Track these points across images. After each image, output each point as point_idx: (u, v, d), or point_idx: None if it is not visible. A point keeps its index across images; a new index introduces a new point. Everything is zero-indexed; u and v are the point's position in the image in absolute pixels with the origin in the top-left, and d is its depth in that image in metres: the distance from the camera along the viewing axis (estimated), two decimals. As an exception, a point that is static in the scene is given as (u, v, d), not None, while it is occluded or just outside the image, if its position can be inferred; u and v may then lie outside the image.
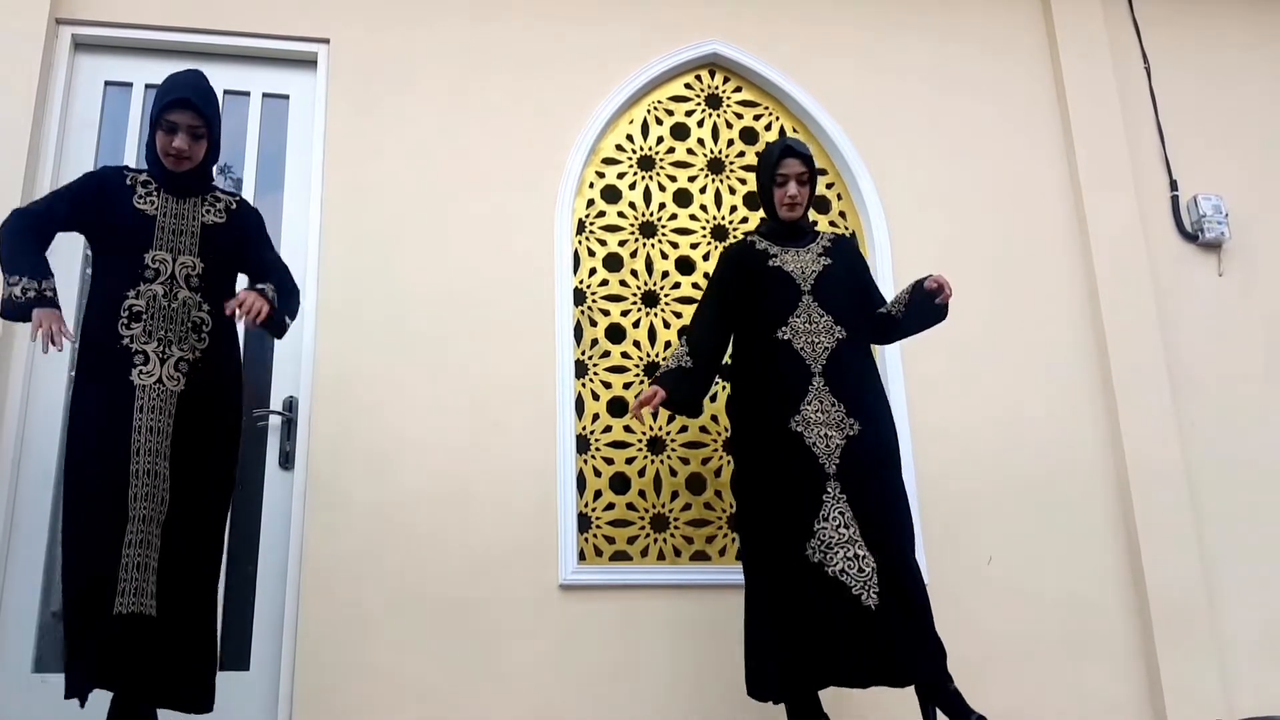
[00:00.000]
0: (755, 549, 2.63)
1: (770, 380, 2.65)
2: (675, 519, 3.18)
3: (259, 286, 2.48)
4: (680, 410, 2.87)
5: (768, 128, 3.65)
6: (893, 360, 3.38)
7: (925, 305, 2.71)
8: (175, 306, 2.39)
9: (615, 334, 3.33)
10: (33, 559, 2.84)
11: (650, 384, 2.84)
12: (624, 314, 3.35)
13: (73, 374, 2.97)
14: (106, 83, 3.28)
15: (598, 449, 3.20)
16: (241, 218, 2.59)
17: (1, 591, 2.80)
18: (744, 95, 3.67)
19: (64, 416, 2.95)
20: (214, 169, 2.65)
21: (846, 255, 2.83)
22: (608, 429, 3.23)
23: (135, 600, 2.16)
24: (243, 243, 2.58)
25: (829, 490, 2.51)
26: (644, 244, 3.43)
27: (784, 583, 2.51)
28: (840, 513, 2.48)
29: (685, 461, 3.24)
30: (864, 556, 2.44)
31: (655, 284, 3.39)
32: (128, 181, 2.48)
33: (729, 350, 2.84)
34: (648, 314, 3.36)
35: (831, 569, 2.43)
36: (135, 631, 2.16)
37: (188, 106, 2.46)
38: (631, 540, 3.14)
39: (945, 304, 2.68)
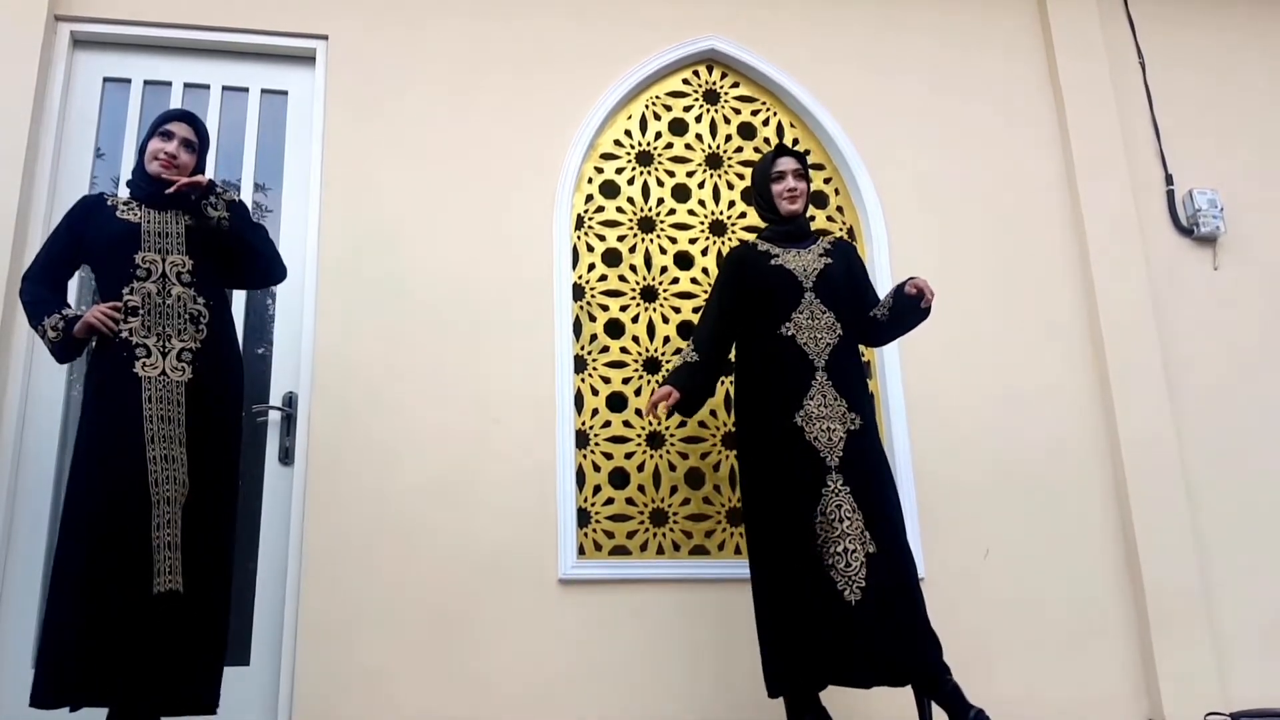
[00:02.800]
0: (759, 544, 2.64)
1: (774, 375, 2.67)
2: (674, 514, 3.19)
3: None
4: (688, 408, 2.88)
5: (765, 123, 3.66)
6: (891, 356, 3.40)
7: (908, 308, 2.73)
8: (170, 302, 2.44)
9: (614, 329, 3.33)
10: (33, 557, 2.84)
11: (662, 384, 2.85)
12: (623, 309, 3.35)
13: (71, 377, 2.99)
14: (105, 79, 3.28)
15: (597, 444, 3.21)
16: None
17: (1, 590, 2.80)
18: (742, 91, 3.68)
19: (63, 415, 2.96)
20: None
21: (846, 256, 2.87)
22: (607, 424, 3.24)
23: (170, 578, 2.25)
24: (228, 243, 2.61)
25: (828, 484, 2.54)
26: (642, 239, 3.44)
27: (786, 577, 2.54)
28: (838, 505, 2.51)
29: (684, 456, 3.25)
30: (853, 551, 2.47)
31: (654, 279, 3.40)
32: (108, 202, 2.57)
33: (733, 349, 2.86)
34: (646, 309, 3.37)
35: (825, 561, 2.47)
36: (164, 609, 2.24)
37: (186, 120, 2.61)
38: (631, 535, 3.15)
39: (928, 306, 2.70)
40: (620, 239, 3.42)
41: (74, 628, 2.21)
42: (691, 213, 3.50)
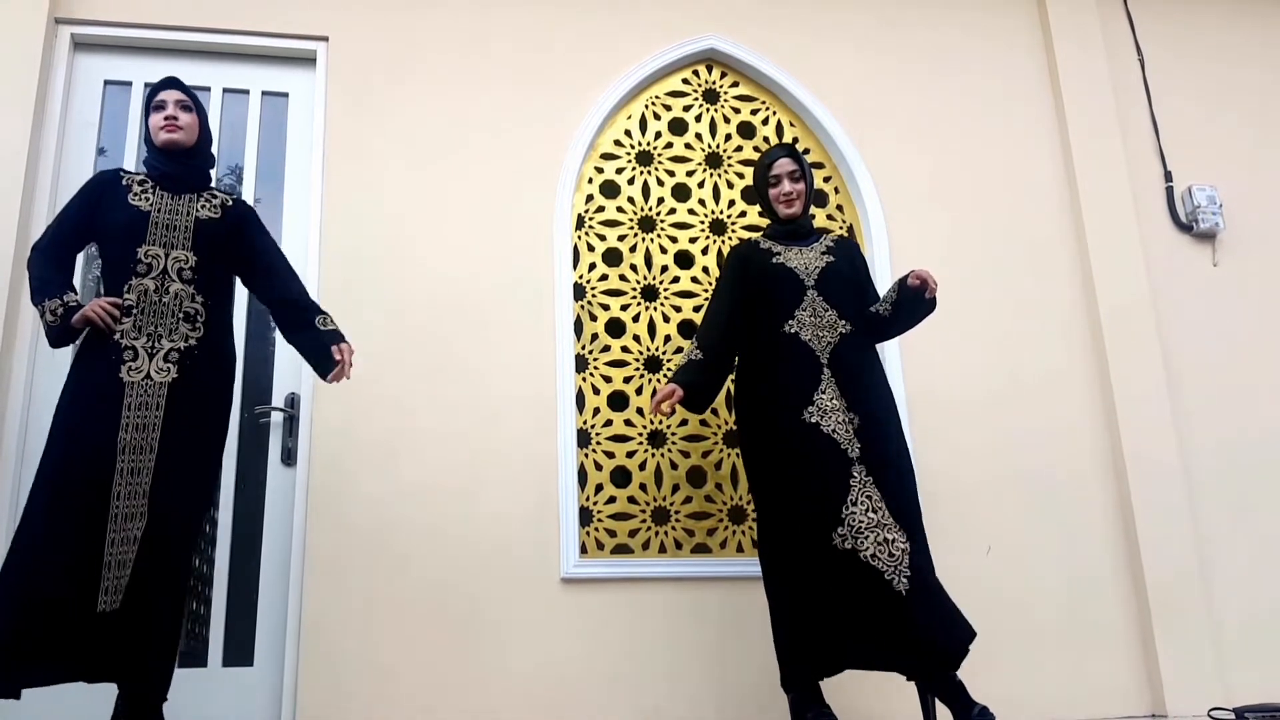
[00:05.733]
0: (780, 542, 2.60)
1: (781, 372, 2.66)
2: (676, 512, 3.20)
3: (330, 328, 2.60)
4: (694, 404, 2.83)
5: (765, 122, 3.66)
6: (891, 352, 3.40)
7: (913, 301, 2.73)
8: (166, 300, 2.41)
9: (615, 328, 3.34)
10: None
11: (666, 383, 2.83)
12: (624, 308, 3.36)
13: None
14: (106, 82, 3.28)
15: (598, 443, 3.22)
16: (237, 214, 2.61)
17: (6, 589, 2.81)
18: (741, 90, 3.69)
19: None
20: (212, 171, 2.67)
21: (848, 253, 2.86)
22: (608, 423, 3.24)
23: (108, 598, 2.20)
24: (237, 237, 2.59)
25: (855, 474, 2.49)
26: (643, 238, 3.45)
27: (813, 573, 2.49)
28: (868, 496, 2.47)
29: (686, 455, 3.26)
30: (894, 540, 2.42)
31: (654, 278, 3.41)
32: (123, 181, 2.53)
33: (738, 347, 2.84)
34: (647, 308, 3.38)
35: (863, 554, 2.40)
36: (108, 627, 2.21)
37: (170, 86, 2.59)
38: (633, 533, 3.16)
39: (933, 297, 2.70)
40: (621, 238, 3.43)
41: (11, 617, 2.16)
42: (692, 212, 3.51)
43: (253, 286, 2.68)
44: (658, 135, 3.56)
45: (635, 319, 3.35)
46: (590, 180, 3.47)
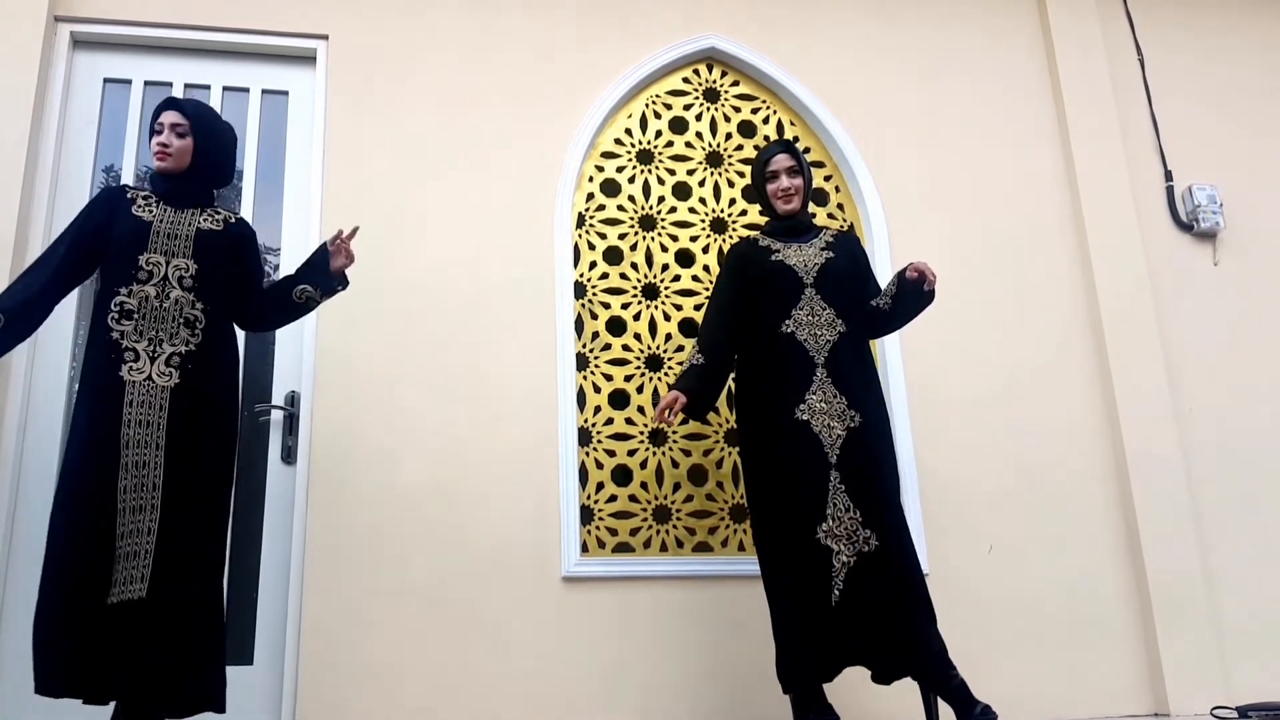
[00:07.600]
0: (771, 538, 2.63)
1: (776, 371, 2.67)
2: (677, 511, 3.19)
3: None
4: (696, 411, 2.85)
5: (765, 121, 3.66)
6: (892, 352, 3.40)
7: (912, 294, 2.73)
8: (167, 306, 2.41)
9: (616, 327, 3.33)
10: (36, 558, 2.81)
11: (669, 390, 2.83)
12: (624, 307, 3.35)
13: (72, 375, 2.98)
14: (105, 80, 3.28)
15: (599, 441, 3.21)
16: (237, 232, 2.61)
17: (4, 591, 2.80)
18: (742, 89, 3.69)
19: (65, 416, 2.95)
20: (215, 190, 2.66)
21: (849, 249, 2.86)
22: (609, 421, 3.23)
23: (124, 589, 2.19)
24: (237, 253, 2.59)
25: (831, 479, 2.54)
26: (644, 237, 3.44)
27: (801, 570, 2.52)
28: (839, 503, 2.52)
29: (687, 453, 3.25)
30: (838, 551, 2.48)
31: (655, 277, 3.41)
32: (128, 195, 2.55)
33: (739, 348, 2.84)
34: (648, 307, 3.37)
35: (839, 558, 2.47)
36: (126, 618, 2.19)
37: (170, 107, 2.58)
38: (634, 532, 3.15)
39: (932, 289, 2.70)
40: (621, 237, 3.43)
41: (43, 627, 2.21)
42: (692, 210, 3.50)
43: (233, 309, 2.63)
44: (658, 134, 3.56)
45: (636, 317, 3.35)
46: (591, 179, 3.46)
